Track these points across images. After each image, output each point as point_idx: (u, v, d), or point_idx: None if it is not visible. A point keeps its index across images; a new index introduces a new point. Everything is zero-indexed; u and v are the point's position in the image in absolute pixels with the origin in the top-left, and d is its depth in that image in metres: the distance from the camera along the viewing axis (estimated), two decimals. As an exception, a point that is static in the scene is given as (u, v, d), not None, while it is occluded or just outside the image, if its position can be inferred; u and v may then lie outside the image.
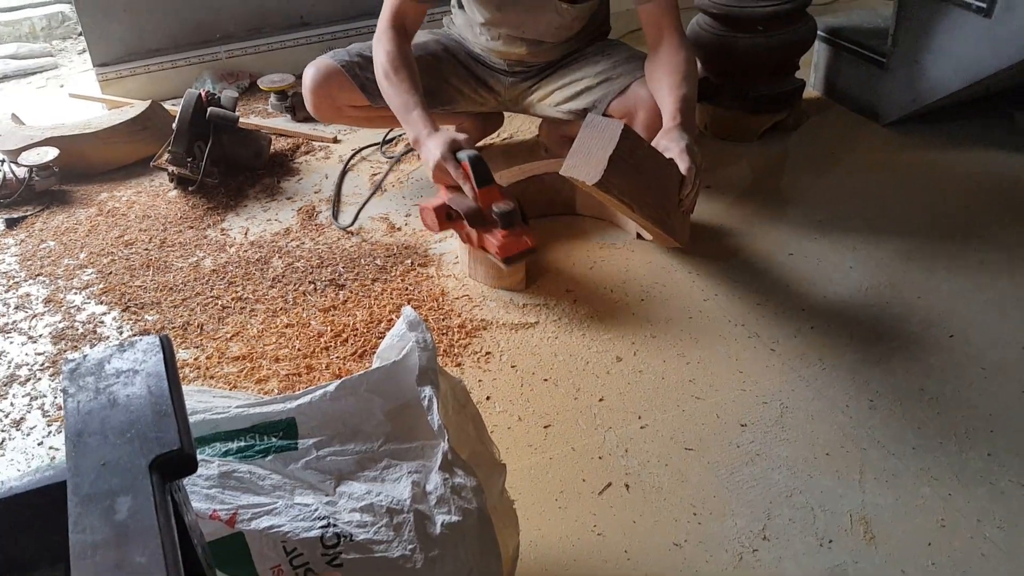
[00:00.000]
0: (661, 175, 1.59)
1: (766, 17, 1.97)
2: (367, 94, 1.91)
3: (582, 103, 1.88)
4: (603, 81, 1.85)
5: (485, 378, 1.48)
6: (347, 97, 1.92)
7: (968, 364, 1.43)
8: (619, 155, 1.48)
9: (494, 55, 1.95)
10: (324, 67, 1.91)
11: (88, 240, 1.92)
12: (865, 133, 2.16)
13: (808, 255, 1.73)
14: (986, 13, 1.81)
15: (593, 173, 1.48)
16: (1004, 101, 2.15)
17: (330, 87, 1.91)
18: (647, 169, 1.57)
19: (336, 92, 1.91)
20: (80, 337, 1.62)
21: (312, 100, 1.94)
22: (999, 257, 1.68)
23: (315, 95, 1.93)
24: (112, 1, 2.49)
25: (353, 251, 1.84)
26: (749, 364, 1.47)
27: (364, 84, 1.90)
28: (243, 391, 1.47)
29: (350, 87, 1.90)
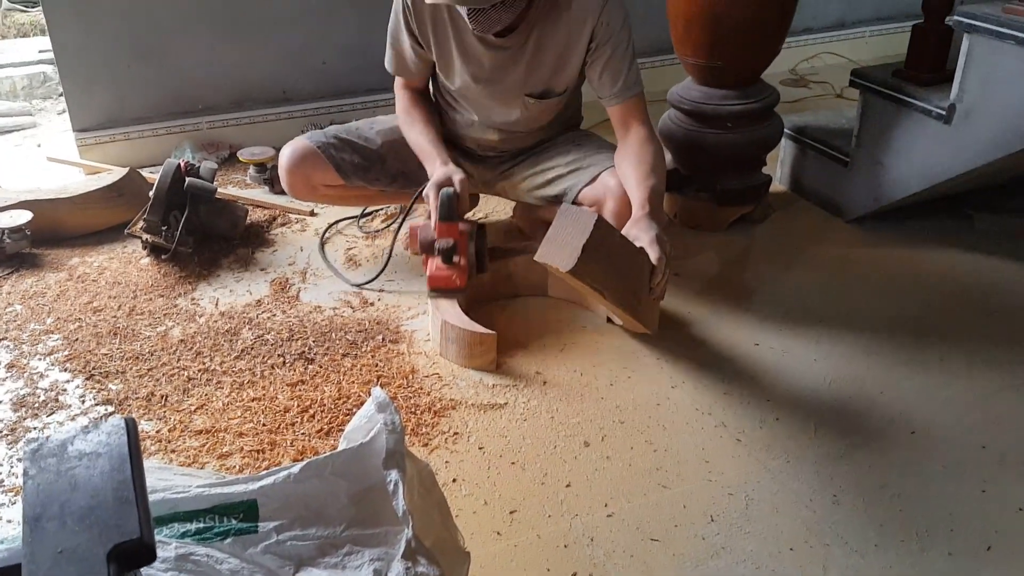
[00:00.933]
0: (632, 264, 1.63)
1: (734, 115, 2.05)
2: (341, 173, 1.95)
3: (553, 190, 1.92)
4: (574, 170, 1.90)
5: (452, 459, 1.47)
6: (322, 176, 1.95)
7: (929, 462, 1.45)
8: (592, 244, 1.52)
9: (467, 141, 2.00)
10: (300, 148, 1.94)
11: (56, 305, 1.91)
12: (829, 228, 2.22)
13: (773, 346, 1.76)
14: (946, 120, 1.89)
15: (567, 260, 1.51)
16: (964, 203, 2.23)
17: (305, 167, 1.94)
18: (619, 258, 1.60)
19: (311, 172, 1.95)
20: (41, 405, 1.59)
21: (288, 179, 1.97)
22: (958, 356, 1.72)
23: (291, 174, 1.96)
24: (95, 69, 2.52)
25: (324, 325, 1.84)
26: (715, 454, 1.48)
27: (339, 164, 1.94)
28: (205, 467, 1.44)
29: (324, 167, 1.93)
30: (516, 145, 1.99)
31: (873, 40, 3.49)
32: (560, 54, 1.78)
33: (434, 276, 1.74)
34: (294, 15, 2.65)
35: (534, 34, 1.76)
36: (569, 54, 1.79)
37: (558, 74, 1.82)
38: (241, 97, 2.72)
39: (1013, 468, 1.43)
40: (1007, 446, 1.48)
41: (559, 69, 1.81)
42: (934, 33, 1.98)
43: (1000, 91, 1.77)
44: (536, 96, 1.85)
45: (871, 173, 2.12)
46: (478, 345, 1.69)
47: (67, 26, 2.45)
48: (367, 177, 1.98)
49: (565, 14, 1.74)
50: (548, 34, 1.76)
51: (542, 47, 1.77)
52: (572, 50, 1.78)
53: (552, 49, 1.78)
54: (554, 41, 1.77)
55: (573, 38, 1.76)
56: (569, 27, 1.75)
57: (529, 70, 1.80)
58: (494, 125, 1.93)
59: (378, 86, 2.77)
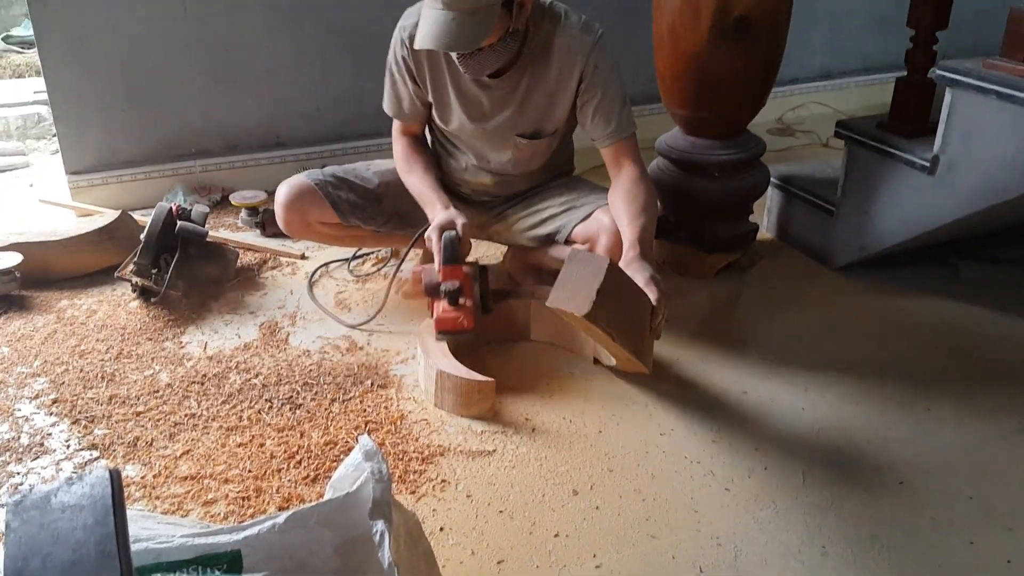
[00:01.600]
0: (636, 305, 1.65)
1: (721, 165, 2.08)
2: (338, 212, 1.97)
3: (546, 229, 1.95)
4: (568, 209, 1.93)
5: (440, 507, 1.46)
6: (319, 214, 1.97)
7: (918, 513, 1.45)
8: (604, 288, 1.55)
9: (463, 186, 2.02)
10: (298, 184, 1.97)
11: (43, 348, 1.90)
12: (816, 276, 2.24)
13: (761, 394, 1.77)
14: (929, 171, 1.92)
15: (582, 305, 1.53)
16: (949, 252, 2.26)
17: (303, 204, 1.96)
18: (625, 299, 1.62)
19: (308, 209, 1.96)
20: (25, 450, 1.58)
21: (284, 215, 1.98)
22: (946, 406, 1.73)
23: (287, 211, 1.97)
24: (89, 112, 2.55)
25: (313, 369, 1.83)
26: (704, 503, 1.47)
27: (336, 202, 1.96)
28: (189, 514, 1.43)
29: (321, 204, 1.96)
30: (510, 189, 2.01)
31: (858, 90, 3.56)
32: (550, 95, 1.82)
33: (442, 319, 1.74)
34: (288, 62, 2.69)
35: (526, 76, 1.79)
36: (558, 95, 1.82)
37: (548, 115, 1.85)
38: (234, 141, 2.74)
39: (1000, 520, 1.43)
40: (995, 498, 1.48)
41: (549, 110, 1.84)
42: (917, 86, 2.03)
43: (982, 144, 1.80)
44: (527, 137, 1.88)
45: (857, 222, 2.15)
46: (476, 393, 1.69)
47: (62, 69, 2.48)
48: (363, 216, 2.00)
49: (555, 57, 1.78)
50: (539, 76, 1.79)
51: (533, 88, 1.81)
52: (562, 92, 1.81)
53: (542, 90, 1.81)
54: (544, 82, 1.80)
55: (563, 80, 1.80)
56: (559, 69, 1.79)
57: (520, 111, 1.84)
58: (488, 168, 1.96)
59: (371, 131, 2.81)
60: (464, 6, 1.59)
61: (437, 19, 1.61)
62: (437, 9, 1.62)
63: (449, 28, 1.60)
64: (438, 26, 1.61)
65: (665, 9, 2.00)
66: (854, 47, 3.52)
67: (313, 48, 2.70)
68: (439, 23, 1.61)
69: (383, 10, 1.94)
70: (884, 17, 3.43)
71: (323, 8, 2.66)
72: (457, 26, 1.60)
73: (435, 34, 1.62)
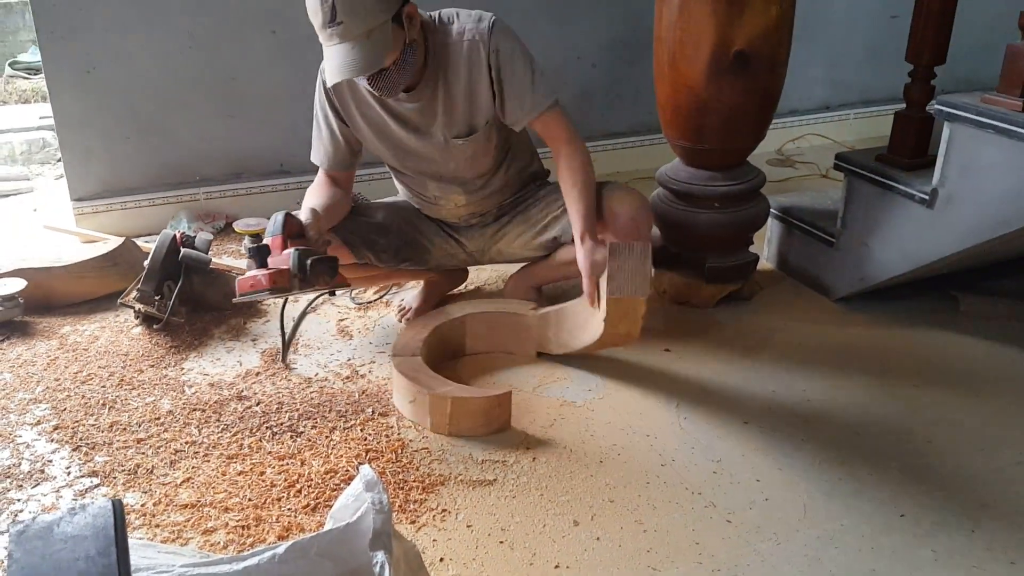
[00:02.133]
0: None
1: (721, 196, 2.10)
2: (351, 247, 1.95)
3: (550, 234, 2.01)
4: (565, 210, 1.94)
5: (440, 537, 1.46)
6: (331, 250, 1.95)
7: (919, 546, 1.44)
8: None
9: (445, 213, 2.05)
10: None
11: (45, 374, 1.90)
12: (816, 307, 2.25)
13: (763, 425, 1.77)
14: (928, 204, 1.93)
15: (642, 288, 1.66)
16: (949, 284, 2.27)
17: None
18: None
19: None
20: (26, 476, 1.58)
21: None
22: (946, 437, 1.73)
23: None
24: (94, 139, 2.57)
25: (314, 397, 1.83)
26: (705, 535, 1.47)
27: (348, 240, 1.95)
28: (189, 542, 1.42)
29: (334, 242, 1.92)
30: (489, 202, 2.04)
31: (857, 122, 3.59)
32: (469, 91, 1.84)
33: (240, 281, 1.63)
34: (292, 90, 2.72)
35: (440, 82, 1.83)
36: (476, 89, 1.84)
37: (473, 109, 1.87)
38: (239, 168, 2.77)
39: (1002, 553, 1.43)
40: (996, 531, 1.48)
41: (473, 105, 1.86)
42: (916, 120, 2.05)
43: (981, 178, 1.82)
44: (463, 136, 1.89)
45: (856, 254, 2.16)
46: (496, 408, 1.71)
47: (68, 95, 2.51)
48: (374, 249, 2.00)
49: (460, 55, 1.81)
50: (452, 78, 1.83)
51: (450, 91, 1.84)
52: (476, 84, 1.84)
53: (460, 89, 1.84)
54: (459, 81, 1.83)
55: (474, 73, 1.83)
56: (468, 65, 1.82)
57: (447, 115, 1.86)
58: (451, 181, 1.97)
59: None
60: (356, 32, 1.64)
61: (337, 52, 1.67)
62: (335, 44, 1.67)
63: (351, 56, 1.65)
64: (340, 57, 1.66)
65: (665, 42, 2.02)
66: (853, 80, 3.56)
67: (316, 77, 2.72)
68: (340, 55, 1.66)
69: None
70: (883, 50, 3.47)
71: (328, 38, 2.69)
72: (358, 52, 1.65)
73: (340, 65, 1.67)
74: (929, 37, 1.97)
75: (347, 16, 1.62)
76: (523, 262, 2.15)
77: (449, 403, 1.70)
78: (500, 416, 1.72)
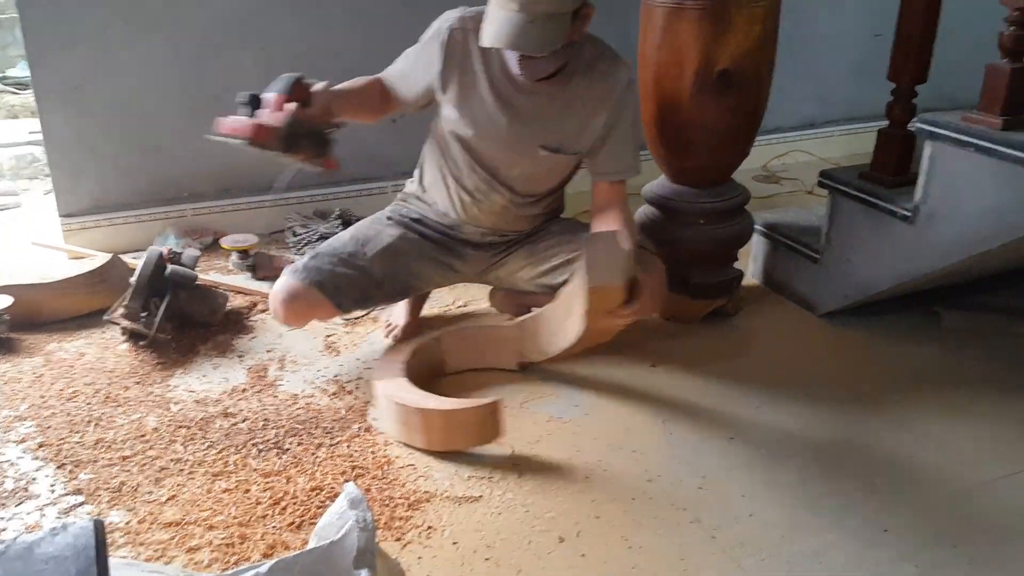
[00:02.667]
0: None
1: (706, 212, 2.11)
2: (341, 309, 1.93)
3: (559, 278, 1.94)
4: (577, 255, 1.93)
5: (425, 555, 1.46)
6: (320, 313, 1.94)
7: (903, 561, 1.45)
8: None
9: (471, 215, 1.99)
10: (294, 291, 1.88)
11: (30, 391, 1.89)
12: (801, 323, 2.26)
13: (748, 440, 1.77)
14: (910, 221, 1.96)
15: (616, 275, 1.70)
16: (932, 300, 2.29)
17: (300, 308, 1.89)
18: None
19: (308, 312, 1.91)
20: (10, 494, 1.57)
21: (283, 320, 1.93)
22: (930, 452, 1.74)
23: (287, 317, 1.91)
24: (83, 155, 2.57)
25: (300, 414, 1.83)
26: (691, 551, 1.47)
27: (339, 303, 1.91)
28: (173, 561, 1.42)
29: (322, 305, 1.89)
30: (515, 225, 2.02)
31: (842, 139, 3.63)
32: (583, 115, 1.85)
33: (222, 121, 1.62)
34: (282, 107, 2.72)
35: (567, 89, 1.82)
36: (589, 118, 1.85)
37: (575, 134, 1.87)
38: (226, 184, 2.77)
39: (985, 568, 1.44)
40: (979, 546, 1.49)
41: (578, 129, 1.87)
42: (898, 138, 2.07)
43: (962, 195, 1.84)
44: (550, 149, 1.88)
45: (840, 270, 2.18)
46: (489, 417, 1.70)
47: (57, 111, 2.51)
48: (365, 305, 2.00)
49: (597, 80, 1.82)
50: (578, 93, 1.83)
51: (570, 103, 1.84)
52: (592, 116, 1.85)
53: (578, 107, 1.84)
54: (582, 101, 1.84)
55: (597, 105, 1.84)
56: (599, 93, 1.83)
57: (554, 120, 1.85)
58: (500, 183, 1.93)
59: (361, 176, 2.84)
60: (541, 9, 1.63)
61: (512, 20, 1.64)
62: (512, 11, 1.64)
63: (526, 30, 1.63)
64: (513, 27, 1.64)
65: (649, 61, 2.04)
66: (838, 97, 3.59)
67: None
68: (514, 24, 1.63)
69: (375, 59, 1.98)
70: (867, 68, 3.49)
71: (315, 55, 2.70)
72: (536, 29, 1.63)
73: (510, 34, 1.64)
74: (910, 57, 2.00)
75: None
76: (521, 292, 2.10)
77: (441, 419, 1.69)
78: (494, 425, 1.71)
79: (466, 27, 1.81)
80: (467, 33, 1.81)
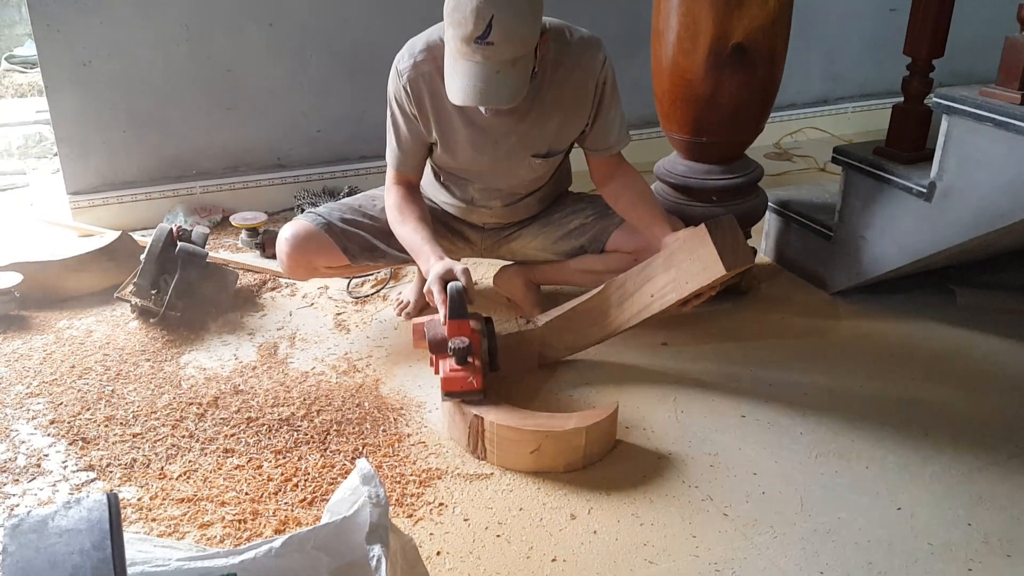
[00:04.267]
0: None
1: (719, 189, 2.09)
2: (349, 255, 1.94)
3: (578, 242, 1.99)
4: (597, 217, 1.97)
5: (437, 531, 1.46)
6: (326, 259, 1.94)
7: (915, 539, 1.45)
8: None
9: (470, 216, 2.01)
10: (303, 231, 1.91)
11: (42, 368, 1.90)
12: (814, 300, 2.25)
13: (760, 418, 1.77)
14: (926, 198, 1.93)
15: (746, 256, 1.73)
16: (946, 278, 2.27)
17: (309, 250, 1.91)
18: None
19: (315, 255, 1.92)
20: (22, 471, 1.57)
21: (289, 263, 1.94)
22: (943, 431, 1.73)
23: (293, 258, 1.92)
24: (90, 133, 2.56)
25: (311, 391, 1.83)
26: (702, 528, 1.47)
27: (347, 247, 1.93)
28: (186, 536, 1.42)
29: (330, 249, 1.91)
30: (517, 215, 2.02)
31: (856, 116, 3.59)
32: (566, 112, 1.82)
33: (449, 379, 1.62)
34: (289, 84, 2.71)
35: (537, 99, 1.78)
36: (573, 114, 1.83)
37: (562, 133, 1.86)
38: (235, 162, 2.76)
39: (999, 546, 1.43)
40: (992, 523, 1.48)
41: (563, 128, 1.85)
42: (914, 114, 2.04)
43: (978, 171, 1.82)
44: (542, 156, 1.87)
45: (854, 248, 2.16)
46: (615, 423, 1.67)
47: (65, 89, 2.50)
48: (373, 255, 1.98)
49: (569, 77, 1.77)
50: (552, 96, 1.79)
51: (545, 110, 1.80)
52: (578, 109, 1.82)
53: (558, 108, 1.81)
54: (559, 101, 1.80)
55: (578, 100, 1.81)
56: (575, 89, 1.79)
57: (535, 131, 1.83)
58: (498, 189, 1.94)
59: (371, 153, 2.83)
60: (504, 57, 1.55)
61: (476, 72, 1.56)
62: (475, 62, 1.56)
63: (492, 83, 1.56)
64: (481, 81, 1.56)
65: (663, 36, 2.02)
66: (851, 73, 3.56)
67: (314, 70, 2.72)
68: (479, 77, 1.56)
69: (385, 33, 1.96)
70: (881, 43, 3.46)
71: (325, 31, 2.68)
72: (500, 80, 1.56)
73: (480, 90, 1.57)
74: (927, 30, 1.97)
75: (501, 40, 1.52)
76: (535, 263, 2.10)
77: (584, 435, 1.58)
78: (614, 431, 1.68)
79: (420, 71, 1.75)
80: (425, 76, 1.75)
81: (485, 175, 1.92)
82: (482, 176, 1.92)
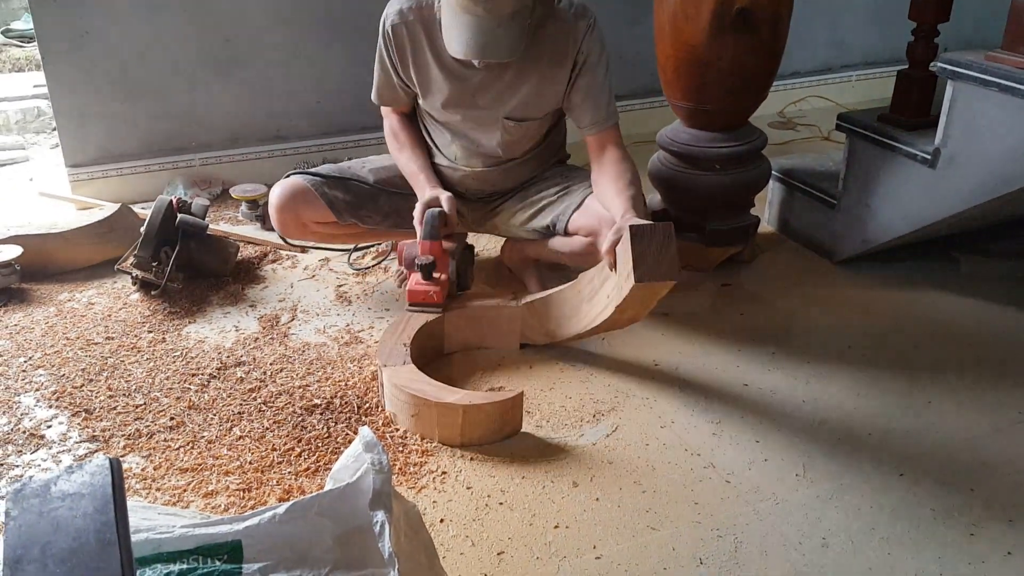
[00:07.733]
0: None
1: (723, 157, 2.07)
2: (334, 211, 1.96)
3: (544, 220, 1.95)
4: (561, 196, 1.94)
5: (440, 499, 1.46)
6: (313, 214, 1.96)
7: (918, 504, 1.45)
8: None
9: (455, 183, 2.00)
10: (291, 185, 1.96)
11: (44, 340, 1.90)
12: (817, 269, 2.24)
13: (762, 387, 1.76)
14: (931, 164, 1.92)
15: (670, 272, 1.53)
16: (950, 246, 2.25)
17: (296, 204, 1.95)
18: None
19: (303, 209, 1.95)
20: (25, 442, 1.58)
21: (278, 217, 1.97)
22: (947, 398, 1.73)
23: (281, 212, 1.96)
24: (88, 105, 2.54)
25: (313, 361, 1.83)
26: (704, 495, 1.47)
27: (332, 201, 1.95)
28: (190, 506, 1.43)
29: (316, 204, 1.94)
30: (503, 182, 2.01)
31: (860, 84, 3.56)
32: (540, 80, 1.81)
33: (413, 290, 1.81)
34: (289, 56, 2.68)
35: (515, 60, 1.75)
36: (548, 82, 1.82)
37: (537, 100, 1.85)
38: (235, 134, 2.74)
39: (1001, 512, 1.43)
40: (995, 489, 1.48)
41: (538, 95, 1.84)
42: (919, 79, 2.02)
43: (983, 137, 1.80)
44: (516, 119, 1.87)
45: (858, 216, 2.14)
46: (511, 410, 1.61)
47: (62, 62, 2.47)
48: (359, 214, 1.99)
49: (547, 42, 1.77)
50: (529, 60, 1.78)
51: (523, 72, 1.80)
52: (552, 78, 1.81)
53: (532, 75, 1.80)
54: (535, 67, 1.79)
55: (554, 67, 1.79)
56: (551, 55, 1.78)
57: (510, 94, 1.83)
58: (479, 152, 1.94)
59: (371, 125, 2.80)
60: (505, 11, 1.57)
61: (476, 26, 1.59)
62: (475, 15, 1.58)
63: (492, 36, 1.59)
64: (479, 34, 1.59)
65: (666, 0, 1.99)
66: (855, 40, 3.52)
67: (314, 41, 2.69)
68: (481, 31, 1.59)
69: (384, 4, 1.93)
70: (885, 10, 3.42)
71: (324, 1, 2.65)
72: (501, 33, 1.58)
73: (482, 43, 1.60)
74: (933, -6, 1.94)
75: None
76: (520, 240, 2.08)
77: (459, 414, 1.57)
78: (514, 419, 1.63)
79: (406, 19, 1.80)
80: (409, 25, 1.80)
81: (464, 131, 1.91)
82: (462, 132, 1.92)
